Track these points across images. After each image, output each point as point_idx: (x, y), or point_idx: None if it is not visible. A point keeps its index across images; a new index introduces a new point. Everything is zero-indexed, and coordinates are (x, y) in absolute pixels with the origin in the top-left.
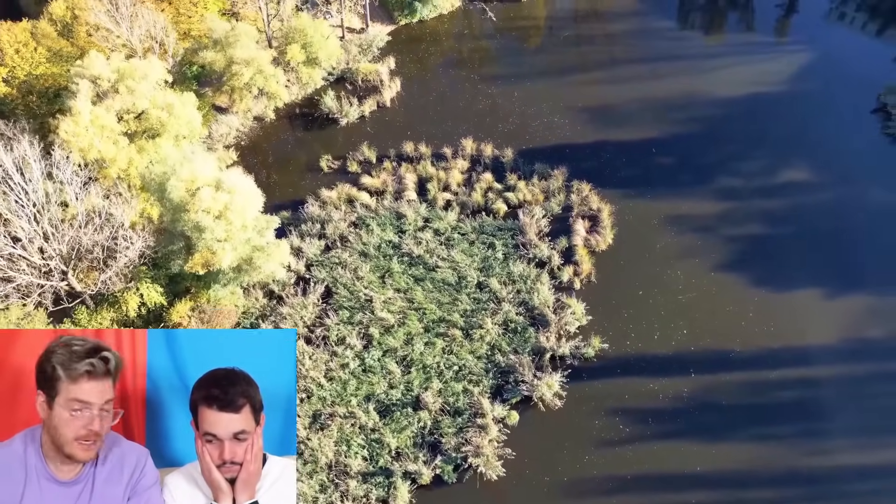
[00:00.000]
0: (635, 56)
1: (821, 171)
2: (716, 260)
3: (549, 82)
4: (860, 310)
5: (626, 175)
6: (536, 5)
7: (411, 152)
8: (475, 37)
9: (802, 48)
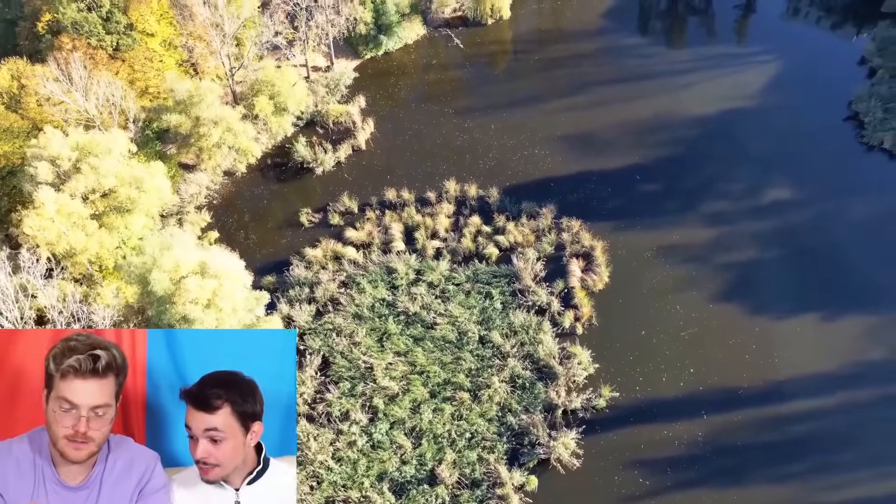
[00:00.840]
0: (606, 77)
1: (803, 188)
2: (712, 290)
3: (524, 111)
4: (857, 331)
5: (613, 206)
6: (501, 28)
7: (394, 199)
8: (444, 66)
9: (768, 56)
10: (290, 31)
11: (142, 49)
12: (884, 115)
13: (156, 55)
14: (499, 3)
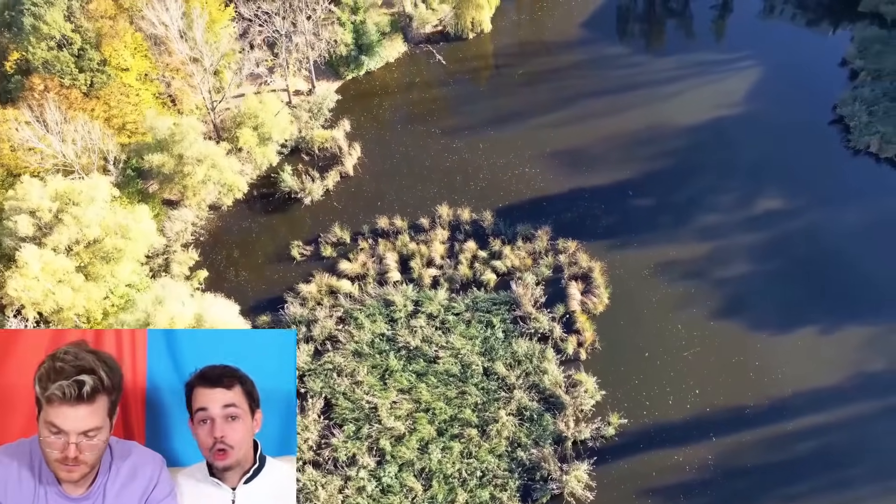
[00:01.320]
0: (591, 90)
1: (794, 197)
2: (712, 307)
3: (511, 128)
4: (858, 341)
5: (608, 224)
6: (482, 42)
7: (386, 227)
8: (427, 84)
9: (751, 61)
10: (270, 57)
11: (117, 85)
12: (868, 118)
13: (132, 90)
14: (479, 17)
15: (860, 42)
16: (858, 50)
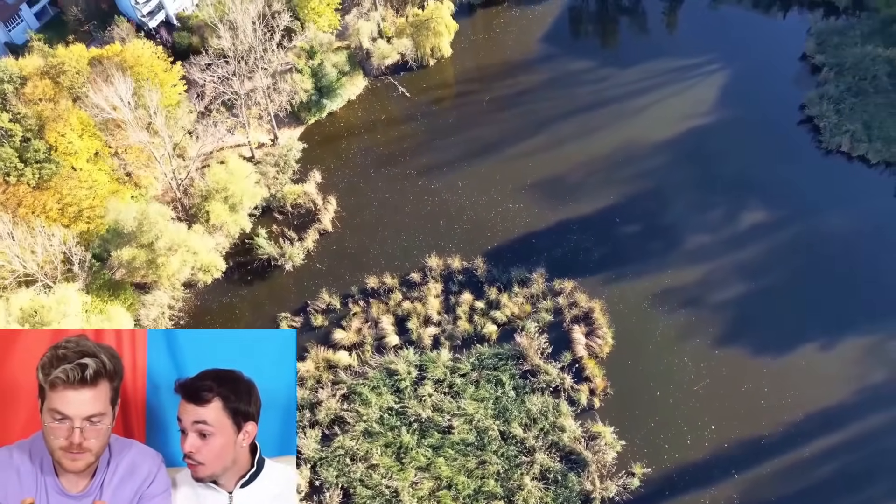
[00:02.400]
0: (560, 111)
1: (777, 207)
2: (713, 335)
3: (487, 161)
4: (856, 353)
5: (600, 256)
6: (444, 68)
7: (377, 286)
8: (394, 120)
9: (714, 65)
10: (229, 118)
11: (67, 170)
12: (837, 118)
13: (84, 173)
14: (439, 43)
15: (818, 35)
16: (817, 44)
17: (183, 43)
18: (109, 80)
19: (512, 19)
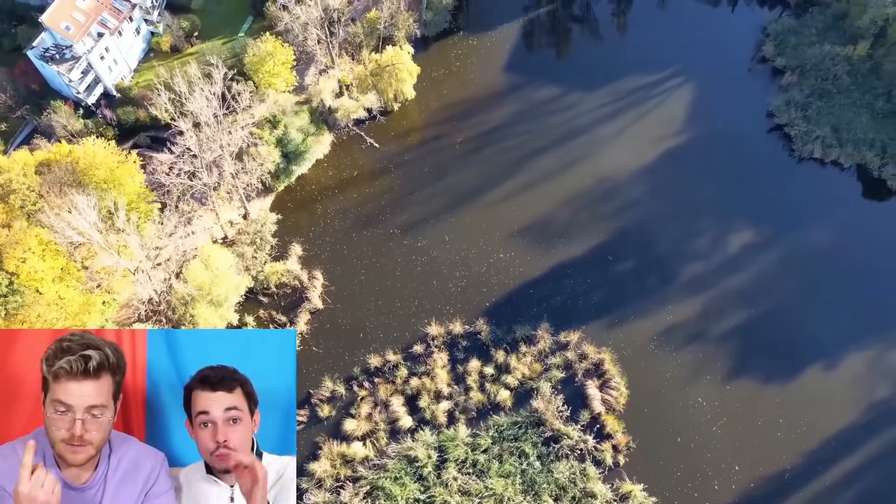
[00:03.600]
0: (535, 146)
1: (761, 224)
2: (722, 368)
3: (470, 210)
4: (860, 369)
5: (599, 300)
6: (410, 112)
7: (380, 364)
8: (367, 175)
9: (677, 78)
10: (198, 207)
11: (32, 295)
12: (806, 125)
13: (52, 295)
14: (401, 88)
15: (775, 36)
16: (776, 45)
17: (129, 119)
18: (63, 191)
19: (469, 49)
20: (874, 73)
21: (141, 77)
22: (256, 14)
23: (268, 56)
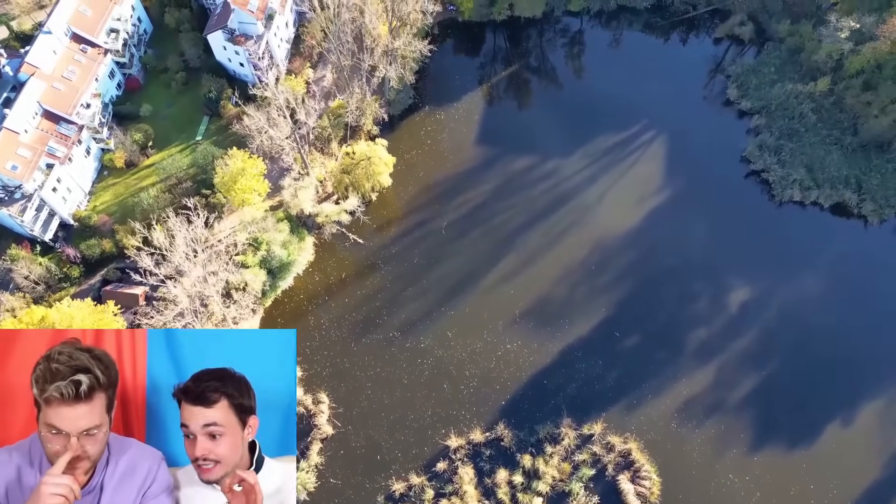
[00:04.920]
0: (521, 221)
1: (755, 279)
2: (746, 439)
3: (469, 299)
4: (876, 419)
5: (614, 382)
6: (389, 200)
7: (404, 490)
8: (356, 275)
9: (648, 132)
10: None
11: None
12: (782, 170)
13: None
14: (378, 179)
15: (736, 78)
16: (738, 88)
17: (94, 253)
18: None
19: (438, 124)
20: (837, 107)
21: (98, 200)
22: (212, 114)
23: (239, 174)
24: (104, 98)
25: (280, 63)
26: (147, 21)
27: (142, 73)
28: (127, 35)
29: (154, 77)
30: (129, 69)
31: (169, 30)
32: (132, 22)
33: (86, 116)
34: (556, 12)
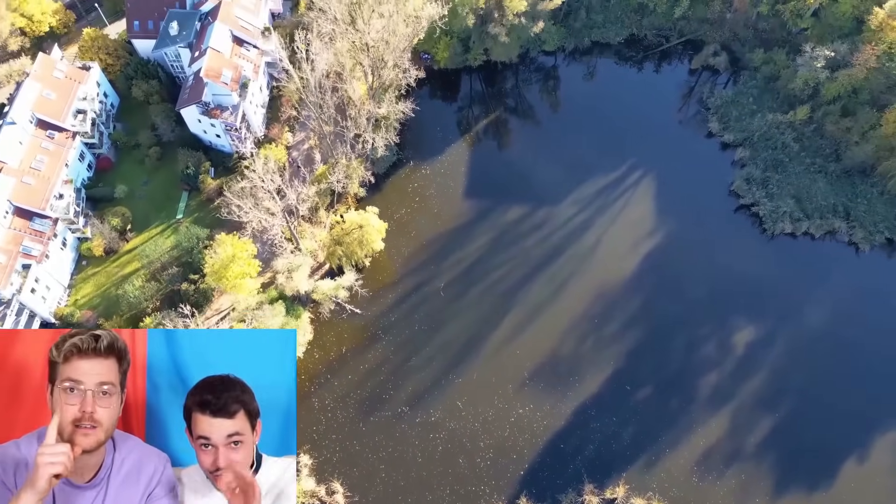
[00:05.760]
0: (520, 274)
1: (758, 318)
2: (767, 487)
3: (475, 364)
4: (892, 451)
5: (631, 438)
6: (383, 266)
7: None
8: (356, 349)
9: (636, 171)
10: None
11: None
12: (771, 202)
13: None
14: (371, 246)
15: (716, 111)
16: (719, 121)
17: None
18: None
19: (424, 180)
20: (818, 134)
21: (78, 293)
22: (191, 189)
23: (230, 260)
24: (76, 183)
25: (257, 130)
26: (113, 94)
27: (112, 150)
28: (95, 114)
29: (126, 154)
30: (100, 148)
31: (137, 102)
32: (99, 99)
33: (60, 208)
34: (531, 53)
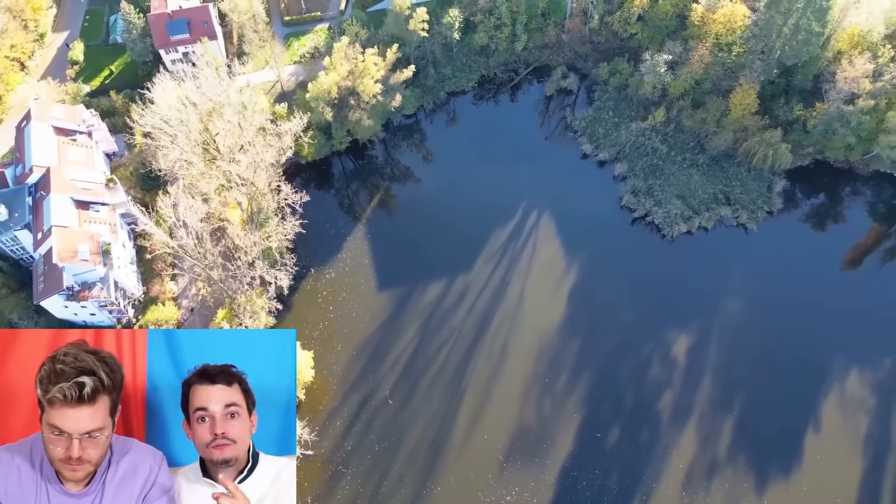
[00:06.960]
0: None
1: (686, 322)
2: (751, 487)
3: (448, 465)
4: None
5: (617, 484)
6: (317, 391)
7: None
8: (323, 492)
9: (529, 211)
10: None
11: None
12: (662, 209)
13: None
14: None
15: (583, 131)
16: (589, 140)
17: None
18: None
19: (333, 285)
20: (679, 131)
21: None
22: None
23: None
24: None
25: (135, 290)
26: None
27: None
28: None
29: None
30: None
31: None
32: None
33: None
34: (393, 122)
